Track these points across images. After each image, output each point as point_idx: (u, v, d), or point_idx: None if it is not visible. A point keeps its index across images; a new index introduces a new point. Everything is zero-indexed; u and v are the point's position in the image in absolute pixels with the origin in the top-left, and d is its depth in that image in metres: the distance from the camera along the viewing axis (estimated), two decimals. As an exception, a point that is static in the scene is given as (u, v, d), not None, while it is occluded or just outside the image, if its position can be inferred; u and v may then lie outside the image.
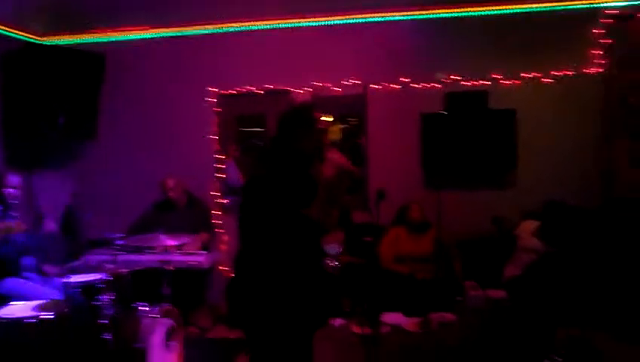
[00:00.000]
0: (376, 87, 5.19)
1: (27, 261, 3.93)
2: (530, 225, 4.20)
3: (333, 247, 4.55)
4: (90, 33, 5.51)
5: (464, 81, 5.02)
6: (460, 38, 5.03)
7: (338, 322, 3.46)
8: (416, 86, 5.11)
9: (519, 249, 4.17)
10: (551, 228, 3.95)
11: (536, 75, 4.98)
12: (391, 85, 5.15)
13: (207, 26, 5.40)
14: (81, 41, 5.48)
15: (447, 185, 4.80)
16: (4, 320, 3.09)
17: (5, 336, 3.16)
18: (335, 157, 4.78)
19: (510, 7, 4.98)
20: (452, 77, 5.05)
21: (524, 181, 4.94)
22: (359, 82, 5.20)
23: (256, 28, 5.35)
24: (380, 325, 3.16)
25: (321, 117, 2.83)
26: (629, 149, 4.79)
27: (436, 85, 5.07)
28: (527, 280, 3.88)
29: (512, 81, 5.00)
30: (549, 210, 4.02)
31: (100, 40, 5.49)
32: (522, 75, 4.99)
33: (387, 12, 5.15)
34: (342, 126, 5.58)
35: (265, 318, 2.53)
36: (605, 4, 4.86)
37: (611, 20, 4.83)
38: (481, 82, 5.00)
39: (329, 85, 5.25)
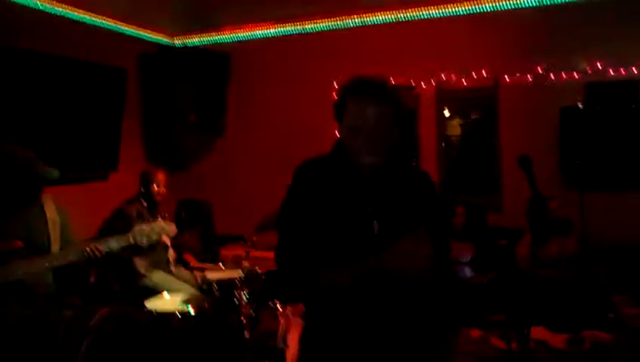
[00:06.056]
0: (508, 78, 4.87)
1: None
2: None
3: (464, 254, 4.35)
4: (217, 32, 5.68)
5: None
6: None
7: (476, 333, 3.26)
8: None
9: None
10: None
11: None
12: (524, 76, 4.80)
13: (327, 21, 5.36)
14: (209, 42, 5.67)
15: (589, 187, 4.40)
16: (153, 313, 3.29)
17: (151, 328, 3.36)
18: None
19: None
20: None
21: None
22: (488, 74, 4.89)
23: (378, 21, 5.21)
24: (528, 341, 2.93)
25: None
26: None
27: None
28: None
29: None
30: None
31: (225, 39, 5.65)
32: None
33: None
34: (461, 121, 5.31)
35: None
36: None
37: None
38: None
39: (453, 78, 5.00)
